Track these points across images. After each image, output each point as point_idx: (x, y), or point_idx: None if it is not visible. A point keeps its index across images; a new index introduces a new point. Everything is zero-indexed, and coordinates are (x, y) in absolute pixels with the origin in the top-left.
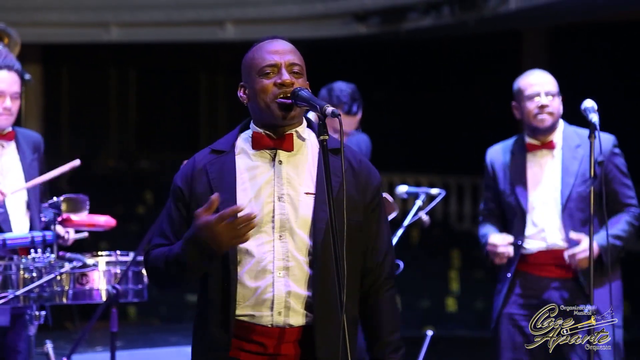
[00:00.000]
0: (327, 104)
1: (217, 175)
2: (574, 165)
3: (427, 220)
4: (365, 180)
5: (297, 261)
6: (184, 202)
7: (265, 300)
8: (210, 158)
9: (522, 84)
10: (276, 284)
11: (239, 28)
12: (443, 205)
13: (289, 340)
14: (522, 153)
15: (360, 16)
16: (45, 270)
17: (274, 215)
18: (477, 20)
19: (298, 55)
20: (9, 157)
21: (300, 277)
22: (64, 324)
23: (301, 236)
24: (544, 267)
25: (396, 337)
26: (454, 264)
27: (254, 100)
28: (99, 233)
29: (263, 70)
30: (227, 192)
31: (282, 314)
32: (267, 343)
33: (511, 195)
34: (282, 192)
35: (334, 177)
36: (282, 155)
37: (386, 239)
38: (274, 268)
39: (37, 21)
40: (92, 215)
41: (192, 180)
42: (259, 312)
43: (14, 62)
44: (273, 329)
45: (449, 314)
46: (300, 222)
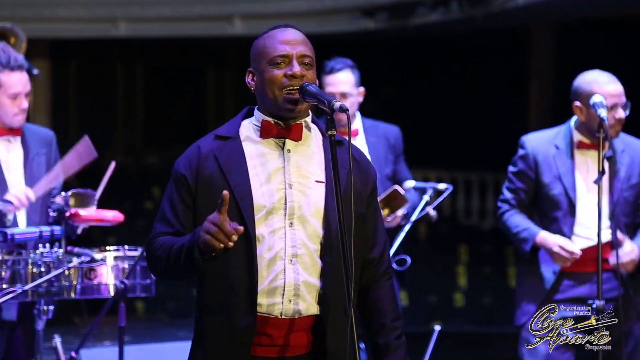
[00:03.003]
0: (335, 99)
1: (227, 160)
2: (621, 171)
3: (435, 215)
4: (366, 172)
5: (308, 249)
6: (187, 189)
7: (276, 287)
8: (217, 143)
9: (599, 89)
10: (287, 272)
11: (247, 23)
12: (451, 200)
13: (297, 330)
14: (569, 149)
15: (368, 11)
16: (54, 265)
17: (285, 202)
18: (486, 16)
19: (309, 46)
20: (15, 153)
21: (310, 266)
22: (72, 319)
23: (313, 224)
24: (587, 262)
25: (399, 323)
26: (462, 259)
27: (261, 89)
28: (107, 228)
29: (274, 59)
30: (239, 176)
31: (292, 302)
32: (276, 334)
33: (559, 189)
34: (293, 180)
35: (342, 169)
36: (289, 144)
37: (383, 231)
38: (285, 255)
39: (45, 16)
40: (100, 210)
41: (198, 166)
42: (271, 299)
43: (23, 61)
44: (283, 320)
45: (457, 309)
46: (313, 210)
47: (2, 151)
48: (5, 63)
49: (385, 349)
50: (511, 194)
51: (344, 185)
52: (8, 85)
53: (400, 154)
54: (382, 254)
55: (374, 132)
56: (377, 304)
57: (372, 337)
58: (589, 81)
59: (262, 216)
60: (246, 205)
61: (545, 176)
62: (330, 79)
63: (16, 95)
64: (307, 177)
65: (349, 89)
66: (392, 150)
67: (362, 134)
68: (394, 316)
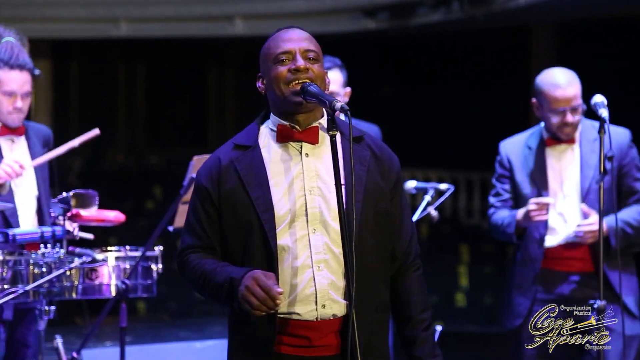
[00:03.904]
0: (335, 99)
1: (247, 172)
2: (592, 159)
3: (436, 215)
4: (388, 165)
5: (334, 253)
6: (210, 201)
7: (309, 295)
8: (237, 154)
9: (548, 93)
10: (317, 278)
11: (248, 23)
12: (452, 200)
13: (331, 331)
14: (541, 147)
15: (369, 11)
16: (55, 266)
17: (306, 209)
18: (487, 16)
19: (314, 42)
20: (20, 152)
21: (337, 269)
22: (74, 319)
23: (335, 228)
24: (565, 261)
25: (427, 315)
26: (463, 259)
27: (270, 89)
28: (108, 228)
29: (278, 57)
30: (260, 189)
31: (325, 307)
32: (312, 336)
33: (531, 187)
34: (313, 185)
35: (361, 166)
36: (307, 148)
37: (409, 222)
38: (312, 262)
39: (47, 16)
40: (102, 211)
41: (220, 178)
42: (304, 308)
43: (26, 60)
44: (318, 323)
45: (458, 309)
46: (334, 214)
47: (5, 150)
48: (5, 60)
49: (412, 341)
50: (495, 198)
51: (364, 182)
52: (4, 82)
53: None
54: (409, 245)
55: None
56: (404, 296)
57: (400, 329)
58: (544, 81)
59: (285, 226)
60: (268, 218)
61: (518, 175)
62: None
63: (11, 94)
64: (326, 180)
65: (336, 89)
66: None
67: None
68: (422, 308)
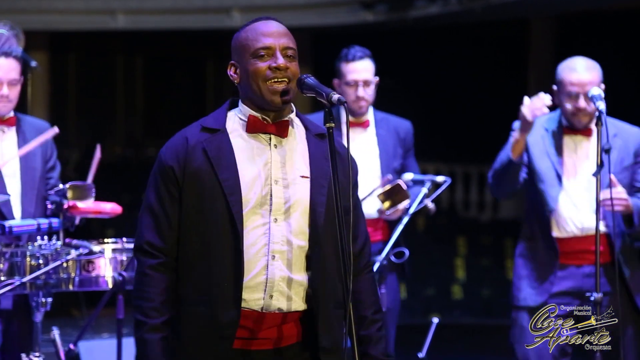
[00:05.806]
0: (332, 92)
1: (216, 153)
2: (612, 154)
3: (433, 207)
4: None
5: (292, 246)
6: (175, 181)
7: (259, 283)
8: (205, 136)
9: (564, 76)
10: (270, 267)
11: (245, 15)
12: (449, 193)
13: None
14: (559, 131)
15: (367, 4)
16: (52, 257)
17: (271, 198)
18: (485, 8)
19: (292, 38)
20: (8, 142)
21: (295, 262)
22: (71, 311)
23: (298, 220)
24: (579, 254)
25: (380, 315)
26: (460, 252)
27: (246, 81)
28: (105, 220)
29: (257, 52)
30: (228, 171)
31: (273, 298)
32: (255, 328)
33: (547, 163)
34: (279, 176)
35: (326, 161)
36: (275, 139)
37: (364, 223)
38: (268, 251)
39: (44, 8)
40: (99, 203)
41: (186, 158)
42: (252, 295)
43: (12, 48)
44: (261, 314)
45: (455, 302)
46: (297, 205)
47: None
48: None
49: (367, 340)
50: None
51: (329, 177)
52: None
53: (410, 149)
54: (364, 247)
55: (384, 125)
56: (359, 296)
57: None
58: (563, 65)
59: (248, 211)
60: (234, 200)
61: (534, 151)
62: (353, 66)
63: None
64: (292, 173)
65: (371, 77)
66: (401, 144)
67: (372, 126)
68: (375, 309)
